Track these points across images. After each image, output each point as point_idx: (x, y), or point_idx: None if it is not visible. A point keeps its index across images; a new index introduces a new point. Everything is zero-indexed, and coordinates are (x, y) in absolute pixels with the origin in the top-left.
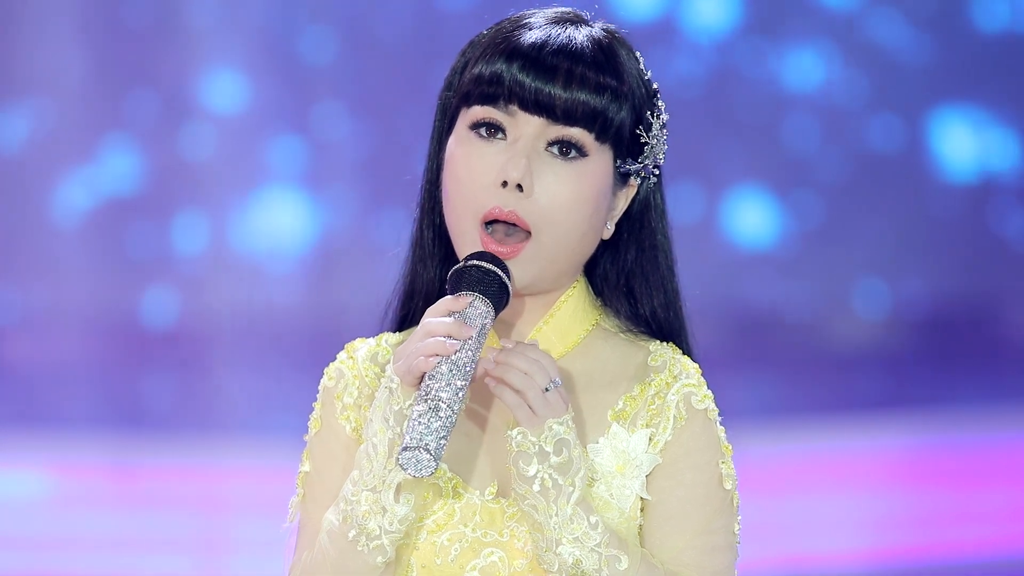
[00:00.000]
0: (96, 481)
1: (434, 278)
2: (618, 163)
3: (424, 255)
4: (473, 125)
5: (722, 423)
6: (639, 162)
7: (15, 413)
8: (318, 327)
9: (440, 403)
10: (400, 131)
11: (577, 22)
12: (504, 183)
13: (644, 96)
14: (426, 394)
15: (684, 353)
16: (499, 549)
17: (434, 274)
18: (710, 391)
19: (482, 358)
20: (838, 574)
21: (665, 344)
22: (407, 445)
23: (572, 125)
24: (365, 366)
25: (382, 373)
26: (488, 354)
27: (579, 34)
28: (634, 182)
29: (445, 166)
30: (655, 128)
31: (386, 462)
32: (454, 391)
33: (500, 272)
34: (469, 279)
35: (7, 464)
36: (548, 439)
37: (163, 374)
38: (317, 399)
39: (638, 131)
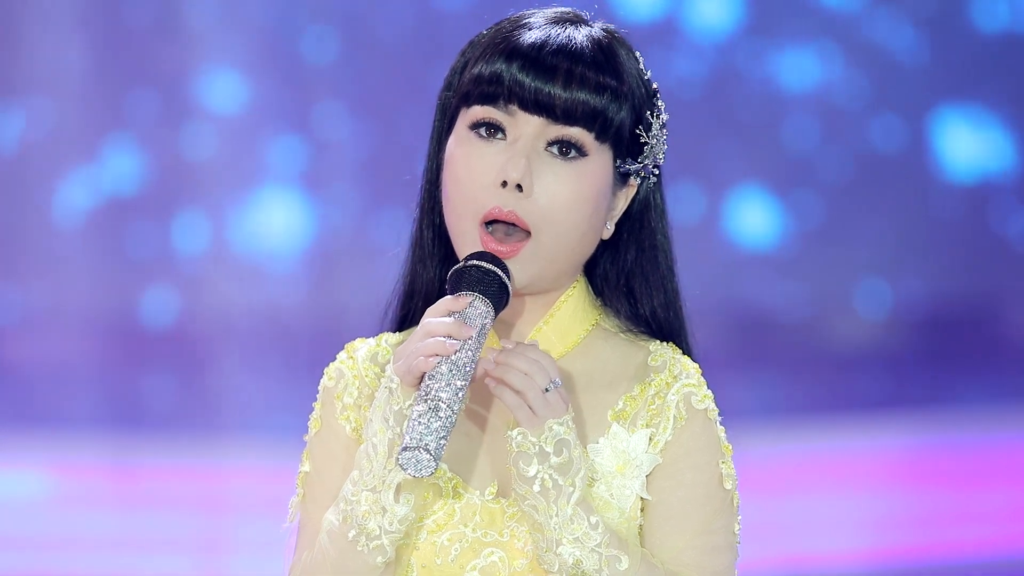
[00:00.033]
0: (96, 481)
1: (434, 278)
2: (618, 163)
3: (424, 255)
4: (473, 125)
5: (722, 423)
6: (639, 162)
7: (15, 413)
8: (318, 327)
9: (440, 403)
10: (400, 131)
11: (577, 22)
12: (504, 183)
13: (644, 96)
14: (426, 394)
15: (684, 353)
16: (499, 549)
17: (434, 274)
18: (710, 391)
19: (482, 358)
20: (838, 574)
21: (665, 344)
22: (407, 445)
23: (572, 125)
24: (365, 366)
25: (382, 373)
26: (488, 354)
27: (579, 34)
28: (634, 182)
29: (445, 166)
30: (655, 128)
31: (386, 462)
32: (454, 391)
33: (500, 272)
34: (469, 279)
35: (7, 464)
36: (548, 439)
37: (163, 374)
38: (317, 399)
39: (638, 131)
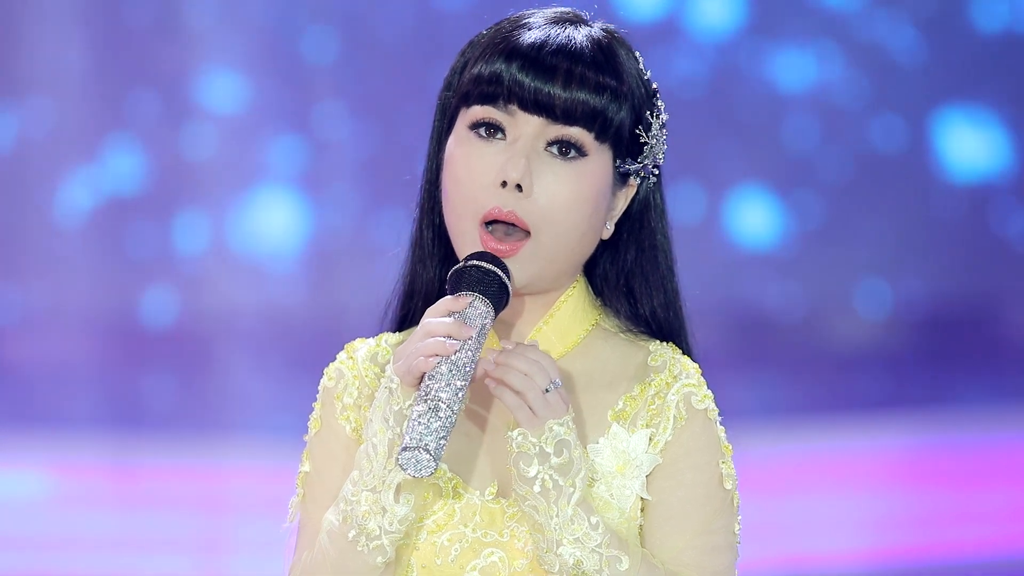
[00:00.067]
0: (96, 481)
1: (434, 278)
2: (617, 163)
3: (424, 255)
4: (472, 125)
5: (722, 423)
6: (638, 162)
7: (15, 413)
8: (318, 327)
9: (440, 403)
10: (400, 131)
11: (576, 22)
12: (503, 183)
13: (643, 96)
14: (426, 394)
15: (684, 353)
16: (499, 549)
17: (434, 274)
18: (710, 391)
19: (482, 359)
20: (838, 574)
21: (665, 344)
22: (407, 445)
23: (571, 125)
24: (365, 366)
25: (382, 373)
26: (488, 355)
27: (578, 34)
28: (634, 182)
29: (445, 166)
30: (654, 128)
31: (386, 462)
32: (454, 391)
33: (500, 272)
34: (469, 279)
35: (7, 464)
36: (548, 440)
37: (163, 374)
38: (317, 399)
39: (637, 131)
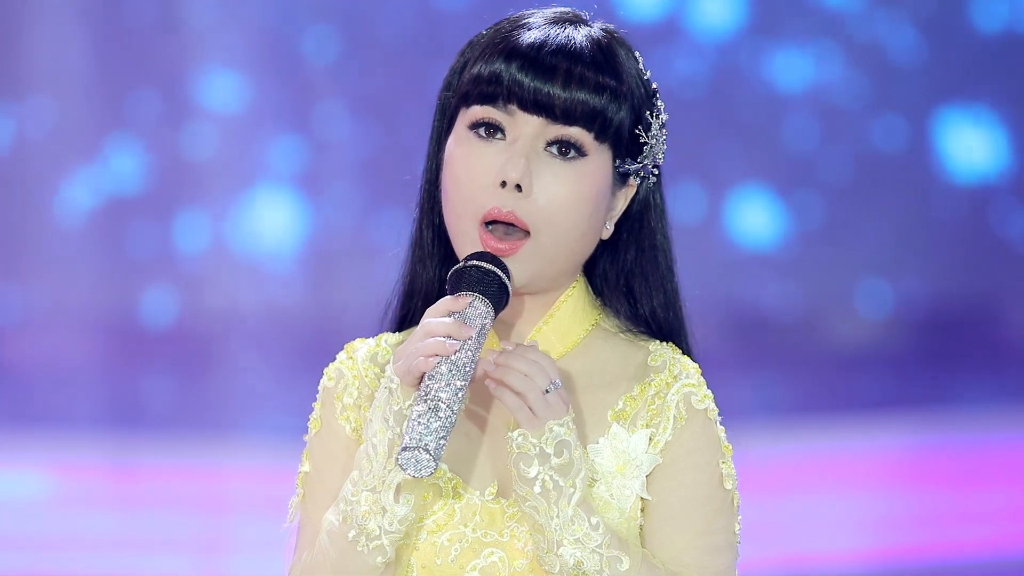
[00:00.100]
0: (96, 481)
1: (434, 278)
2: (617, 163)
3: (423, 255)
4: (472, 125)
5: (722, 423)
6: (638, 162)
7: (15, 413)
8: (318, 327)
9: (440, 403)
10: (400, 131)
11: (576, 22)
12: (503, 183)
13: (643, 96)
14: (426, 394)
15: (684, 353)
16: (499, 549)
17: (434, 274)
18: (710, 391)
19: (482, 359)
20: (838, 574)
21: (665, 344)
22: (407, 445)
23: (571, 125)
24: (365, 366)
25: (382, 373)
26: (488, 355)
27: (578, 34)
28: (633, 182)
29: (444, 166)
30: (654, 128)
31: (386, 462)
32: (454, 391)
33: (500, 272)
34: (469, 279)
35: (7, 464)
36: (549, 441)
37: (163, 374)
38: (317, 399)
39: (637, 131)
